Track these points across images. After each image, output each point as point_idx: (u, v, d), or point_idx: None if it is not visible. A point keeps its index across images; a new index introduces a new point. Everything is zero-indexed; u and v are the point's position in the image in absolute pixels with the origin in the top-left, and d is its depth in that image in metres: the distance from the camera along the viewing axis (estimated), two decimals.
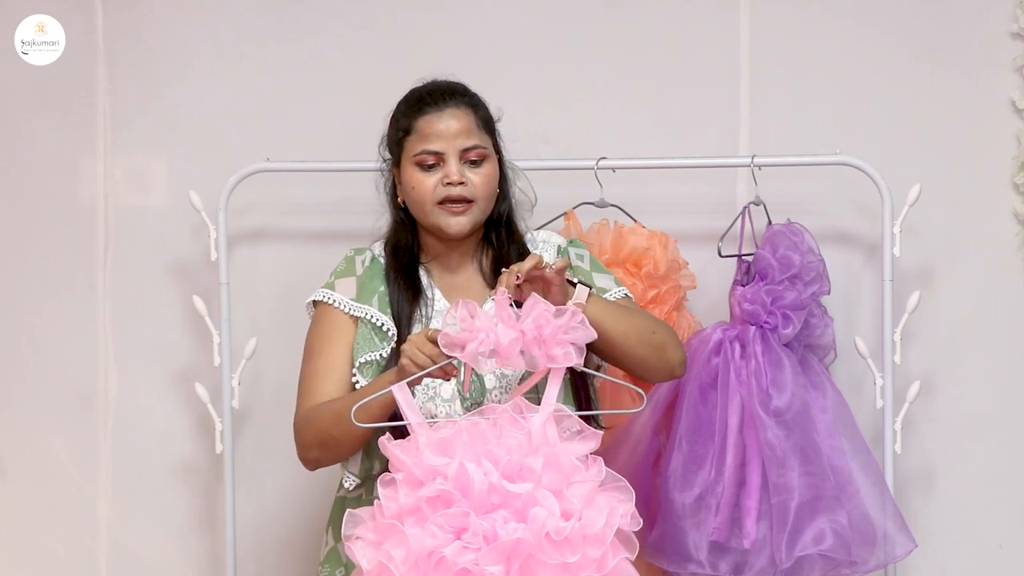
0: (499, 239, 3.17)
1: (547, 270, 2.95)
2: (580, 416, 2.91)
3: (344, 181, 3.68)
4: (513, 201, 3.22)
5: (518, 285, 2.92)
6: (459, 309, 2.84)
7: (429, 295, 3.15)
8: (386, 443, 2.88)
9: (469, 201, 3.11)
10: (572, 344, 2.86)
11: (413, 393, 2.94)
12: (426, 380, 3.01)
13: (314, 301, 3.18)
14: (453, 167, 3.10)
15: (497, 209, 3.18)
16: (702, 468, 3.45)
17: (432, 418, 3.03)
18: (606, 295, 3.15)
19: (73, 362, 3.88)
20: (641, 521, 2.87)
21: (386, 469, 3.01)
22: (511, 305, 2.87)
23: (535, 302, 2.87)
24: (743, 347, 3.49)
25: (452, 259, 3.18)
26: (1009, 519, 3.81)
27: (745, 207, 3.63)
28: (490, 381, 3.07)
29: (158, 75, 3.86)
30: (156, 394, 3.87)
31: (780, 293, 3.49)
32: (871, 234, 3.74)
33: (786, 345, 3.50)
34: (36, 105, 3.87)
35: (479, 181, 3.11)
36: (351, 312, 3.14)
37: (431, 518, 2.77)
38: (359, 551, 2.81)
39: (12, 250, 3.88)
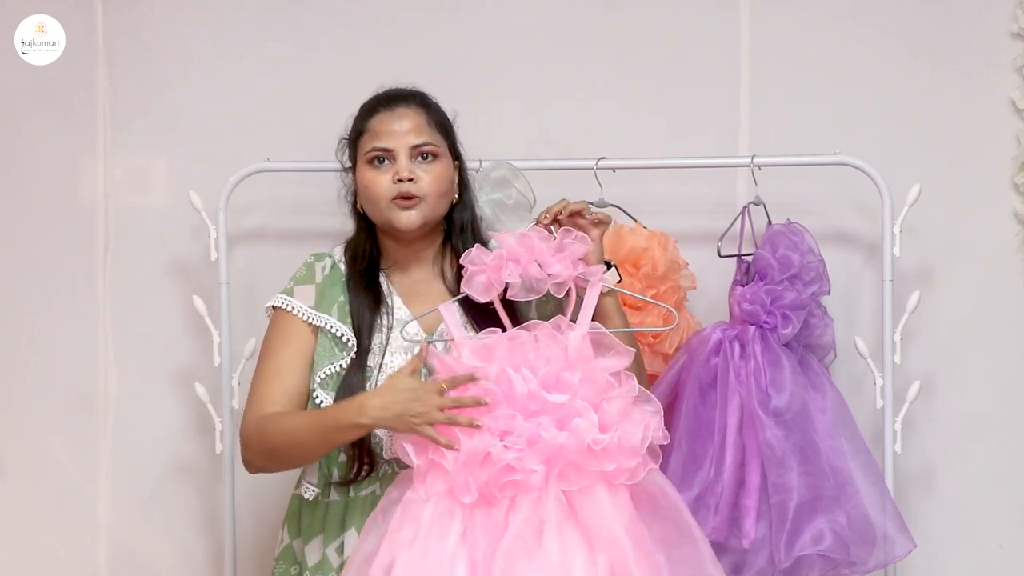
0: (465, 246, 3.16)
1: (588, 215, 3.07)
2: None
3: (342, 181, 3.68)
4: (477, 210, 3.24)
5: (553, 224, 3.08)
6: (466, 252, 3.05)
7: (389, 302, 3.16)
8: (432, 349, 3.00)
9: (419, 197, 3.13)
10: (569, 259, 3.03)
11: (373, 380, 3.07)
12: (386, 363, 3.11)
13: (272, 306, 3.19)
14: (403, 163, 3.13)
15: (459, 216, 3.20)
16: (701, 468, 3.45)
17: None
18: None
19: (73, 362, 3.88)
20: (668, 435, 3.01)
21: (345, 477, 3.10)
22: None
23: (527, 232, 3.05)
24: (742, 347, 3.49)
25: (411, 264, 3.19)
26: (1009, 519, 3.81)
27: (745, 207, 3.63)
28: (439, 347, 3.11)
29: (158, 75, 3.86)
30: (156, 394, 3.87)
31: (780, 293, 3.49)
32: (871, 234, 3.74)
33: (786, 345, 3.50)
34: (36, 105, 3.87)
35: (428, 178, 3.13)
36: (309, 320, 3.14)
37: (480, 420, 2.93)
38: (411, 449, 2.95)
39: (12, 250, 3.88)
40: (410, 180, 3.12)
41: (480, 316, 3.12)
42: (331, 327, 3.13)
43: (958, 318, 3.79)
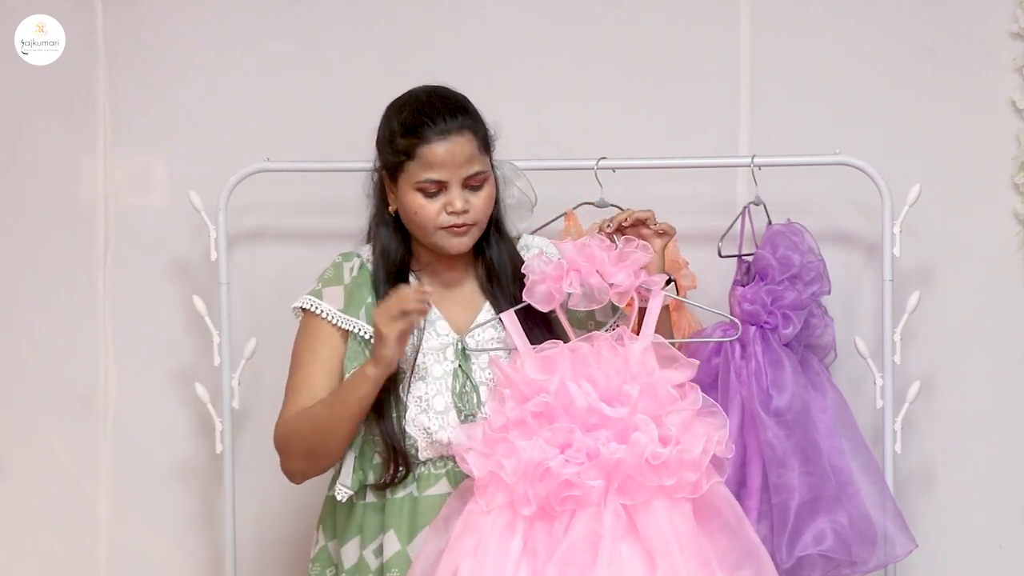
0: (492, 248, 3.17)
1: (652, 224, 3.07)
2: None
3: (344, 181, 3.68)
4: (502, 206, 3.22)
5: (615, 232, 3.07)
6: (528, 260, 3.04)
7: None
8: (497, 361, 3.00)
9: (471, 225, 3.10)
10: (631, 268, 3.00)
11: (405, 382, 3.06)
12: (419, 392, 3.07)
13: (301, 308, 3.17)
14: (456, 195, 3.08)
15: (490, 219, 3.18)
16: None
17: (426, 431, 3.06)
18: None
19: (73, 362, 3.88)
20: (734, 447, 3.00)
21: (380, 479, 3.07)
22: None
23: (588, 239, 3.02)
24: (743, 347, 3.49)
25: (443, 267, 3.17)
26: (1009, 519, 3.81)
27: (745, 207, 3.63)
28: (485, 393, 3.07)
29: (158, 75, 3.86)
30: (156, 394, 3.87)
31: (780, 293, 3.49)
32: (871, 234, 3.74)
33: (786, 345, 3.50)
34: (36, 105, 3.87)
35: (480, 204, 3.10)
36: (339, 324, 3.13)
37: (539, 432, 2.93)
38: (472, 460, 2.95)
39: (12, 250, 3.88)
40: (464, 212, 3.08)
41: (535, 324, 3.10)
42: (360, 331, 3.11)
43: (958, 318, 3.79)
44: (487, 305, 3.16)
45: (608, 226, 3.07)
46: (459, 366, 3.08)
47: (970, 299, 3.80)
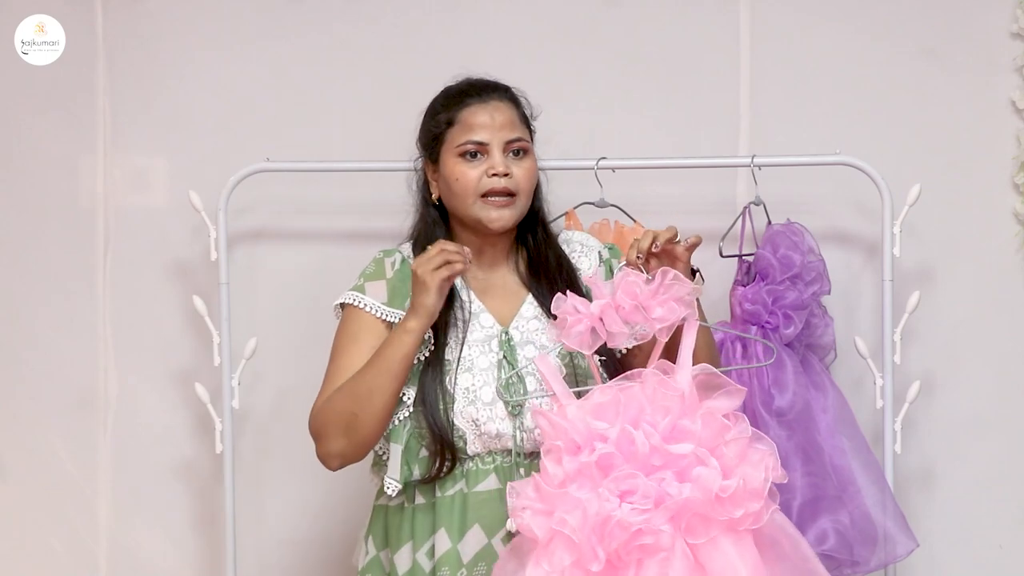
0: (535, 239, 3.13)
1: (680, 244, 2.96)
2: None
3: (344, 181, 3.69)
4: (544, 203, 3.19)
5: (648, 258, 2.94)
6: (556, 299, 2.92)
7: (464, 297, 3.09)
8: (541, 411, 2.89)
9: (512, 194, 3.06)
10: (672, 300, 2.90)
11: (452, 375, 2.99)
12: (466, 384, 3.02)
13: (344, 303, 3.10)
14: (498, 158, 3.06)
15: (532, 208, 3.14)
16: None
17: (474, 422, 3.02)
18: None
19: (73, 362, 3.88)
20: (786, 474, 2.91)
21: (427, 474, 3.02)
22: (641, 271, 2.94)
23: (624, 274, 2.91)
24: (744, 347, 3.50)
25: (486, 259, 3.13)
26: (1009, 519, 3.81)
27: (745, 207, 3.63)
28: (531, 384, 3.03)
29: (158, 75, 3.86)
30: (156, 394, 3.87)
31: (781, 293, 3.50)
32: (871, 234, 3.74)
33: (787, 345, 3.50)
34: (36, 105, 3.87)
35: (522, 174, 3.07)
36: (383, 316, 3.06)
37: (602, 482, 2.81)
38: (531, 520, 2.83)
39: (12, 250, 3.88)
40: (505, 175, 3.05)
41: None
42: None
43: (958, 318, 3.79)
44: (529, 297, 3.12)
45: (638, 256, 2.95)
46: (504, 357, 3.05)
47: (970, 299, 3.80)
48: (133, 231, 3.87)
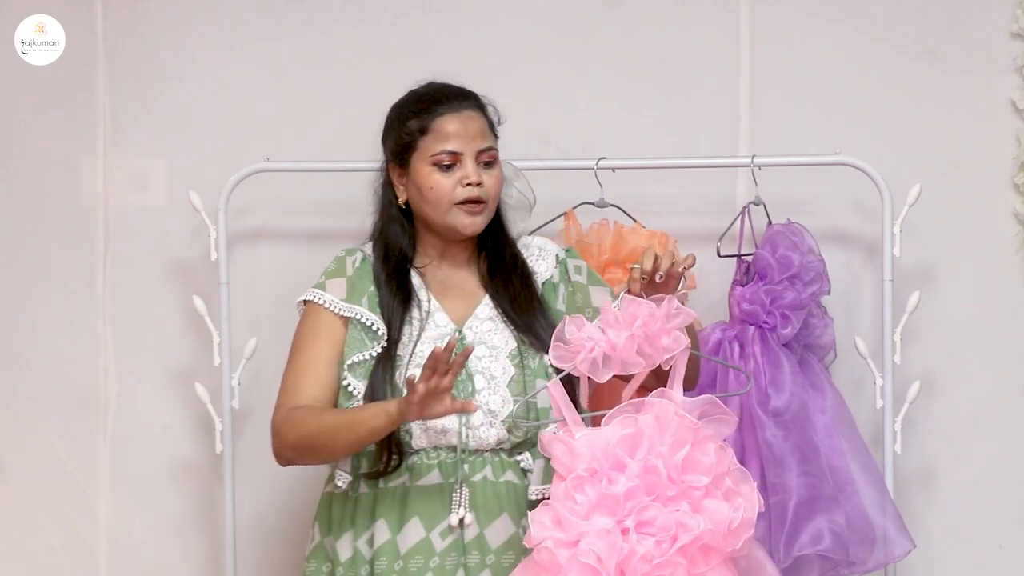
0: (495, 242, 3.20)
1: (679, 266, 2.97)
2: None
3: (344, 181, 3.68)
4: (503, 205, 3.24)
5: (649, 282, 2.95)
6: (566, 325, 2.90)
7: (421, 297, 3.16)
8: (558, 438, 2.90)
9: (484, 202, 3.13)
10: (677, 329, 2.91)
11: (403, 371, 3.02)
12: (417, 353, 3.07)
13: (304, 300, 3.19)
14: (471, 168, 3.12)
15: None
16: None
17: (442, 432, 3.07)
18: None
19: (73, 362, 3.88)
20: (763, 502, 2.94)
21: (374, 468, 3.08)
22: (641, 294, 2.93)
23: (638, 304, 2.90)
24: (742, 347, 3.50)
25: (448, 260, 3.20)
26: (1009, 520, 3.81)
27: (745, 207, 3.63)
28: (479, 382, 3.08)
29: (158, 75, 3.86)
30: (156, 394, 3.87)
31: (779, 293, 3.49)
32: (871, 234, 3.74)
33: (785, 345, 3.50)
34: (36, 105, 3.87)
35: (492, 183, 3.14)
36: (340, 312, 3.15)
37: (622, 514, 2.83)
38: (555, 551, 2.84)
39: (12, 250, 3.88)
40: (478, 185, 3.12)
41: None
42: (362, 317, 3.13)
43: (958, 318, 3.79)
44: (486, 298, 3.17)
45: (638, 286, 2.95)
46: (454, 356, 3.08)
47: (970, 299, 3.80)
48: (133, 231, 3.87)
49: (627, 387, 2.99)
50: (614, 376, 2.91)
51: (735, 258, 3.60)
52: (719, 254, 3.57)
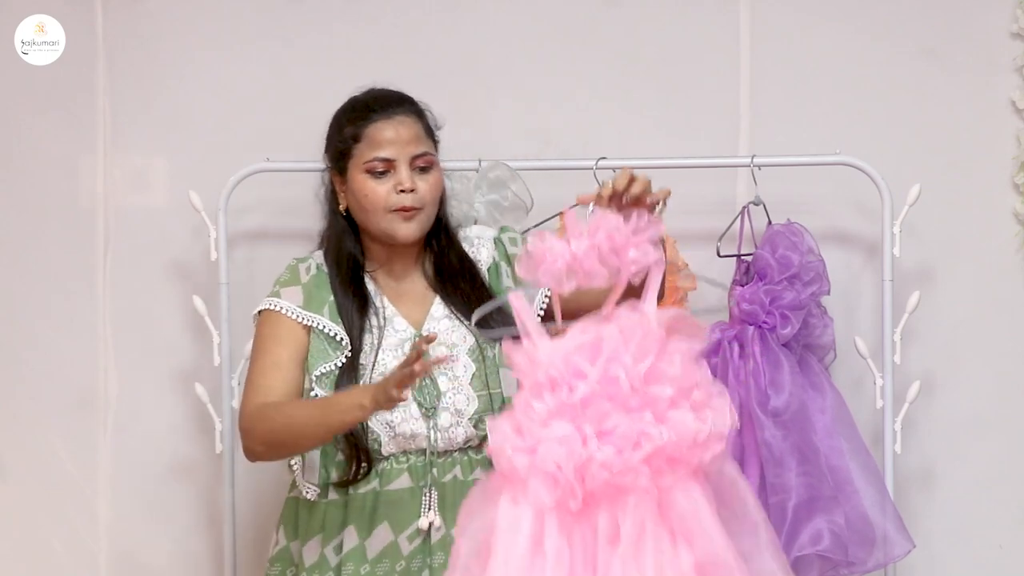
0: (439, 244, 3.21)
1: (651, 197, 2.91)
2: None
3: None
4: (447, 207, 3.26)
5: (611, 201, 2.89)
6: (530, 239, 2.85)
7: (377, 303, 3.17)
8: (518, 347, 2.83)
9: (419, 208, 3.14)
10: (646, 242, 2.84)
11: (367, 379, 3.06)
12: (379, 361, 3.09)
13: (261, 310, 3.19)
14: (404, 174, 3.13)
15: (437, 215, 3.21)
16: None
17: (388, 425, 3.08)
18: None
19: (73, 362, 3.88)
20: (737, 419, 2.89)
21: (343, 477, 3.09)
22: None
23: (603, 216, 2.86)
24: (741, 347, 3.50)
25: (396, 266, 3.21)
26: (1009, 520, 3.81)
27: (745, 207, 3.63)
28: (443, 384, 3.10)
29: (158, 75, 3.86)
30: (156, 394, 3.87)
31: (779, 293, 3.49)
32: (871, 234, 3.74)
33: (785, 345, 3.50)
34: (36, 105, 3.87)
35: (427, 188, 3.15)
36: (301, 320, 3.15)
37: (583, 421, 2.78)
38: (513, 458, 2.78)
39: (12, 250, 3.88)
40: (412, 191, 3.13)
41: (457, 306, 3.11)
42: (324, 327, 3.14)
43: (958, 318, 3.79)
44: (437, 299, 3.19)
45: (604, 203, 2.90)
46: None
47: (970, 299, 3.80)
48: (133, 231, 3.87)
49: (606, 302, 2.94)
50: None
51: (735, 258, 3.60)
52: (719, 254, 3.57)
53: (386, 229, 3.14)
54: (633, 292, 2.91)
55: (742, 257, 3.60)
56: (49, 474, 3.88)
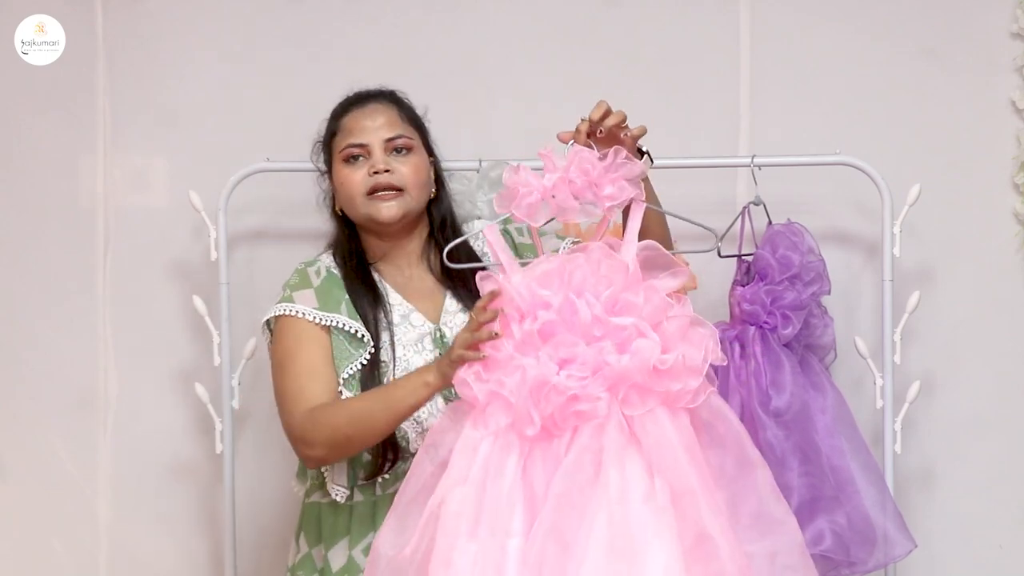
0: (446, 241, 3.16)
1: (625, 132, 2.95)
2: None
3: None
4: (454, 205, 3.26)
5: (591, 135, 2.92)
6: (506, 172, 2.88)
7: (393, 300, 3.16)
8: (487, 275, 2.87)
9: (398, 189, 3.13)
10: (623, 179, 2.89)
11: (390, 375, 3.06)
12: (399, 357, 3.09)
13: (276, 317, 3.16)
14: (378, 155, 3.14)
15: (438, 212, 3.21)
16: None
17: (415, 420, 3.08)
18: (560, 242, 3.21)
19: (73, 362, 3.88)
20: (725, 357, 2.90)
21: (370, 475, 3.08)
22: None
23: (577, 151, 2.89)
24: (743, 347, 3.50)
25: (400, 258, 3.19)
26: (1009, 520, 3.81)
27: (745, 207, 3.63)
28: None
29: (158, 75, 3.87)
30: (156, 394, 3.87)
31: (780, 293, 3.49)
32: (871, 234, 3.74)
33: (786, 345, 3.50)
34: (36, 105, 3.87)
35: (406, 170, 3.14)
36: (320, 322, 3.13)
37: (541, 349, 2.82)
38: (472, 383, 2.83)
39: (12, 250, 3.88)
40: (387, 171, 3.12)
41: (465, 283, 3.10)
42: (344, 325, 3.12)
43: (958, 318, 3.79)
44: (448, 294, 3.18)
45: (582, 137, 2.93)
46: (439, 354, 3.09)
47: (970, 299, 3.80)
48: (133, 231, 3.87)
49: (592, 239, 2.98)
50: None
51: (735, 258, 3.60)
52: (720, 254, 3.57)
53: (367, 213, 3.14)
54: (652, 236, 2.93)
55: (743, 257, 3.60)
56: (49, 474, 3.88)
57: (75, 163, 3.88)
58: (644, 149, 3.01)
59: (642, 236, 2.92)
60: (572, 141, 2.93)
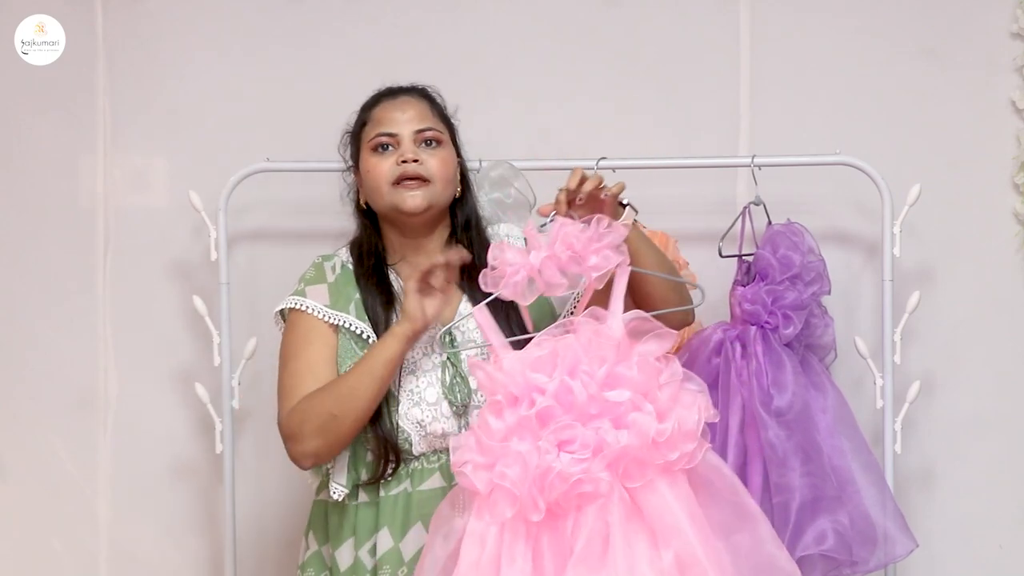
0: (468, 240, 3.17)
1: (604, 193, 2.97)
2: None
3: (344, 181, 3.68)
4: (479, 206, 3.24)
5: (571, 204, 2.95)
6: (491, 250, 2.91)
7: (399, 298, 3.14)
8: (479, 364, 2.90)
9: (425, 180, 3.12)
10: (607, 248, 2.91)
11: (396, 378, 3.05)
12: (410, 386, 3.07)
13: (288, 308, 3.17)
14: (407, 145, 3.13)
15: (463, 212, 3.19)
16: None
17: (419, 424, 3.07)
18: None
19: (73, 362, 3.88)
20: (718, 412, 2.92)
21: (372, 476, 3.07)
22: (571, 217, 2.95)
23: (561, 224, 2.92)
24: (744, 347, 3.50)
25: (420, 259, 3.15)
26: (1009, 520, 3.81)
27: (745, 207, 3.63)
28: (474, 382, 3.06)
29: (158, 75, 3.87)
30: (156, 394, 3.87)
31: (781, 293, 3.50)
32: (871, 234, 3.74)
33: (787, 345, 3.50)
34: (36, 105, 3.87)
35: (435, 163, 3.14)
36: (328, 319, 3.13)
37: (541, 434, 2.83)
38: (471, 474, 2.85)
39: (12, 250, 3.88)
40: (415, 161, 3.11)
41: (497, 315, 3.06)
42: (351, 325, 3.12)
43: (958, 318, 3.79)
44: (464, 298, 3.16)
45: (563, 208, 2.96)
46: (447, 358, 3.09)
47: (970, 299, 3.80)
48: (133, 231, 3.87)
49: (578, 307, 3.01)
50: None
51: (736, 258, 3.60)
52: (720, 254, 3.57)
53: (392, 202, 3.12)
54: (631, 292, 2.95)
55: (743, 257, 3.60)
56: (49, 474, 3.88)
57: (75, 163, 3.88)
58: (625, 202, 3.03)
59: (649, 282, 2.99)
60: (554, 213, 2.95)
